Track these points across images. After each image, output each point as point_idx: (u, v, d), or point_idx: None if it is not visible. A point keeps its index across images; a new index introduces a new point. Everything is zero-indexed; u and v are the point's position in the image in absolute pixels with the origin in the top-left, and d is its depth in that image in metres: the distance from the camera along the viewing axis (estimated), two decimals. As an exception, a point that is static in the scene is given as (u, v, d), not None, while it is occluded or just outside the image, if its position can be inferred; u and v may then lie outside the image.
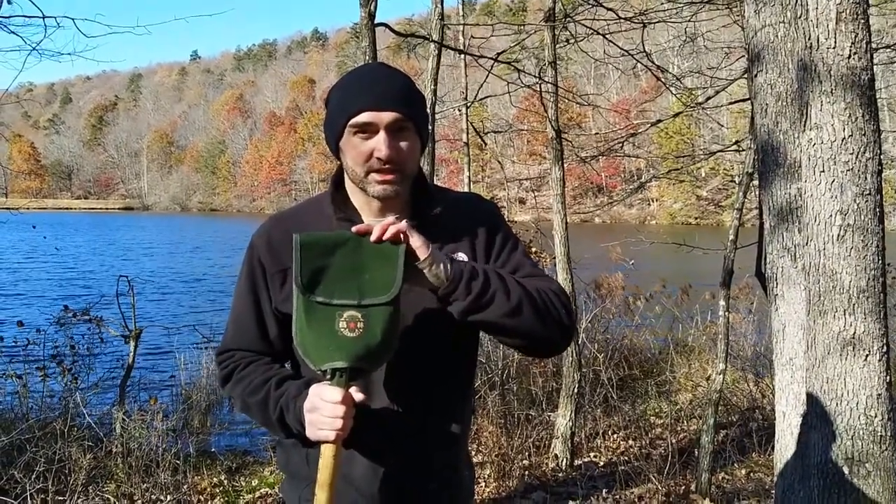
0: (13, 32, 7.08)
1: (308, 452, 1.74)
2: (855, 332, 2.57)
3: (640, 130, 8.05)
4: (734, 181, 56.59)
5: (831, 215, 2.60)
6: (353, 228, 1.62)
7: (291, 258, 1.63)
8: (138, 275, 9.30)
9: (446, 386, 1.82)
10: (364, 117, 1.68)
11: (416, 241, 1.61)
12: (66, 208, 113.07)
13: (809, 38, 2.61)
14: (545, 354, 1.84)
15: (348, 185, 1.83)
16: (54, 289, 19.37)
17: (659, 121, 7.91)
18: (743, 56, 7.31)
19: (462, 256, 1.77)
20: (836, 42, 2.56)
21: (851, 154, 2.56)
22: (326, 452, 1.60)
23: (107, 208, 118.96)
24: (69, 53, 7.76)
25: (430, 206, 1.84)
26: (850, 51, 2.54)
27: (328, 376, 1.61)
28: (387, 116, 1.69)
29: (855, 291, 2.57)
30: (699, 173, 59.85)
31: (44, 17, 6.67)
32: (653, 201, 68.12)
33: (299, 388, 1.70)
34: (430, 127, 1.88)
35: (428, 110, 1.85)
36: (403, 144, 1.72)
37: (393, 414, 1.75)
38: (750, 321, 9.30)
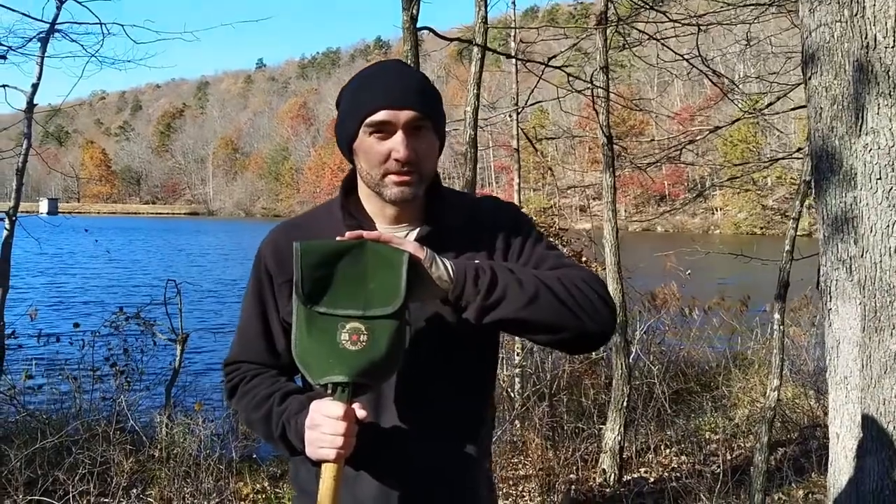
0: (73, 41, 7.27)
1: (317, 470, 1.63)
2: (913, 352, 2.40)
3: (697, 137, 7.83)
4: (799, 190, 55.29)
5: (888, 226, 2.43)
6: (337, 237, 1.52)
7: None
8: (193, 279, 9.41)
9: (461, 403, 1.70)
10: (380, 116, 1.58)
11: (409, 246, 1.51)
12: (135, 213, 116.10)
13: (866, 38, 2.45)
14: (585, 348, 1.68)
15: (362, 190, 1.73)
16: (115, 292, 19.79)
17: (717, 128, 7.68)
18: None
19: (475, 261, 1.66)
20: (894, 41, 2.39)
21: (910, 160, 2.39)
22: (326, 473, 1.50)
23: (173, 213, 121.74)
24: (127, 60, 7.89)
25: (445, 211, 1.72)
26: (910, 50, 2.38)
27: (329, 391, 1.51)
28: (404, 115, 1.58)
29: (914, 307, 2.40)
30: (765, 182, 58.61)
31: (101, 24, 6.82)
32: (717, 210, 66.89)
33: (302, 403, 1.60)
34: (446, 127, 1.76)
35: (444, 108, 1.74)
36: (422, 145, 1.61)
37: (404, 433, 1.65)
38: (812, 334, 8.97)
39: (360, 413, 1.51)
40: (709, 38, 5.97)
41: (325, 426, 1.49)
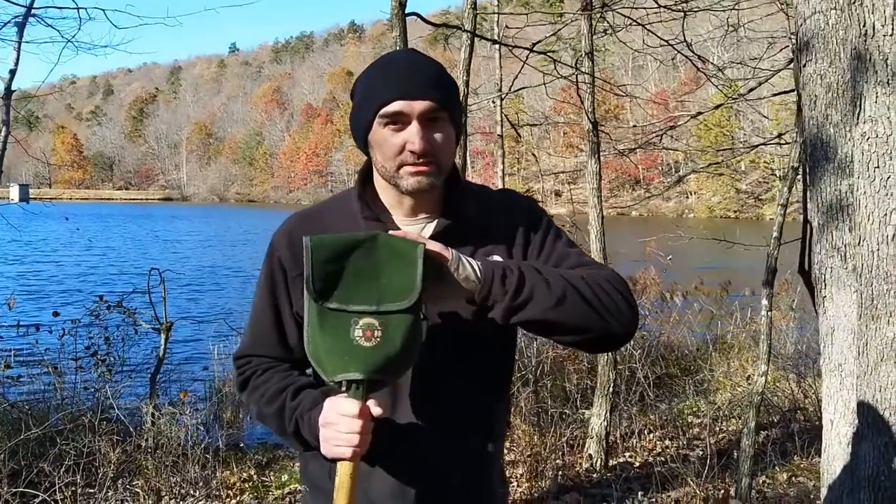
0: (49, 25, 7.12)
1: (331, 466, 1.59)
2: (910, 339, 2.41)
3: (679, 123, 7.83)
4: (774, 174, 55.77)
5: (886, 214, 2.43)
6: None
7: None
8: (173, 266, 9.32)
9: (477, 400, 1.68)
10: (395, 107, 1.55)
11: (433, 246, 1.48)
12: (108, 199, 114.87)
13: (864, 25, 2.45)
14: (608, 348, 1.69)
15: (377, 181, 1.70)
16: (93, 280, 19.58)
17: (699, 113, 7.71)
18: (786, 47, 7.10)
19: (497, 258, 1.63)
20: (893, 29, 2.39)
21: (908, 149, 2.40)
22: (342, 470, 1.48)
23: (147, 199, 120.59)
24: (105, 46, 7.74)
25: (464, 204, 1.69)
26: (909, 38, 2.38)
27: (343, 388, 1.49)
28: (419, 105, 1.55)
29: (911, 295, 2.41)
30: (738, 166, 59.02)
31: (82, 9, 6.68)
32: (691, 194, 67.31)
33: (315, 399, 1.58)
34: (463, 117, 1.73)
35: (461, 100, 1.72)
36: (438, 136, 1.58)
37: (418, 429, 1.63)
38: (791, 318, 9.06)
39: (376, 411, 1.49)
40: (689, 24, 5.96)
41: (340, 424, 1.47)
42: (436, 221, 1.68)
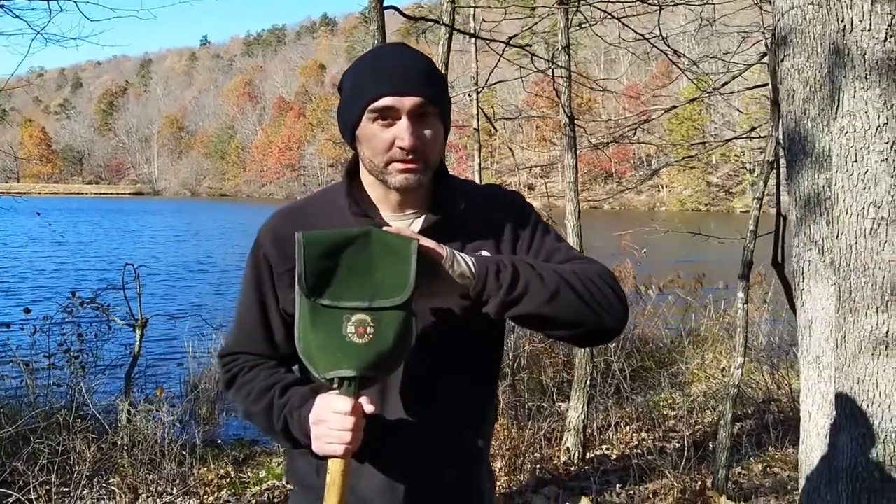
0: (17, 16, 7.02)
1: (318, 464, 1.60)
2: (888, 331, 2.44)
3: (653, 117, 7.88)
4: (745, 168, 56.31)
5: (864, 207, 2.46)
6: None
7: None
8: (147, 262, 9.23)
9: (467, 396, 1.68)
10: (384, 102, 1.53)
11: (427, 242, 1.47)
12: (78, 193, 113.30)
13: (842, 21, 2.47)
14: (599, 342, 1.69)
15: (364, 176, 1.68)
16: (64, 276, 19.33)
17: (674, 107, 7.77)
18: (759, 41, 7.16)
19: (485, 254, 1.62)
20: (871, 24, 2.41)
21: (886, 143, 2.42)
22: (334, 468, 1.48)
23: (118, 193, 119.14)
24: (75, 38, 7.64)
25: (452, 200, 1.68)
26: (887, 33, 2.40)
27: (335, 385, 1.48)
28: (409, 101, 1.53)
29: (889, 288, 2.43)
30: (710, 160, 59.51)
31: (48, 0, 6.58)
32: (662, 188, 67.77)
33: (304, 396, 1.58)
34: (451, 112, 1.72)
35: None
36: (427, 132, 1.56)
37: (409, 425, 1.63)
38: (765, 311, 9.15)
39: (368, 408, 1.48)
40: (658, 17, 6.00)
41: (332, 422, 1.46)
42: (423, 217, 1.67)
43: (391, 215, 1.67)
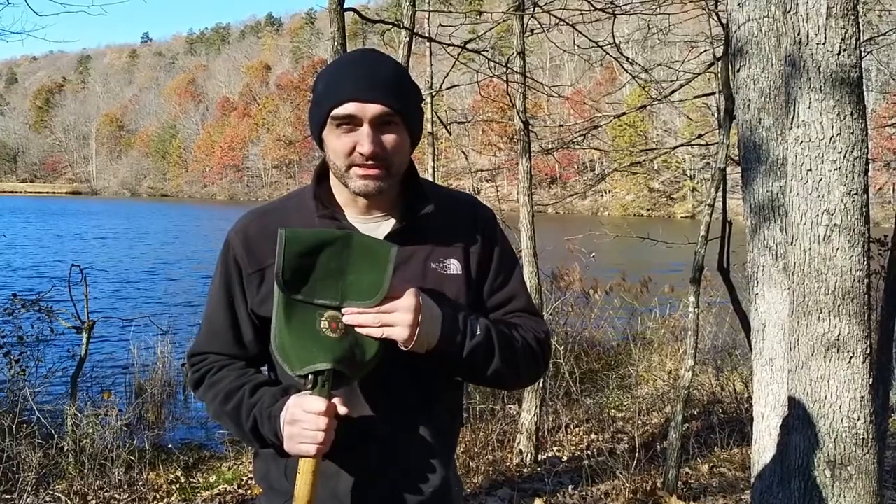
0: (-42, 9, 6.80)
1: (287, 464, 1.62)
2: (840, 334, 2.53)
3: (603, 123, 8.00)
4: (686, 174, 57.34)
5: (818, 215, 2.55)
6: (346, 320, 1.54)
7: (270, 256, 1.54)
8: (92, 264, 9.02)
9: (438, 399, 1.70)
10: (346, 109, 1.55)
11: (397, 333, 1.52)
12: (11, 192, 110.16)
13: (798, 34, 2.55)
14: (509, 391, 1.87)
15: (333, 179, 1.70)
16: (3, 277, 18.76)
17: (623, 113, 7.89)
18: (706, 50, 7.32)
19: (454, 265, 1.68)
20: (825, 38, 2.50)
21: (839, 153, 2.51)
22: (305, 467, 1.50)
23: (54, 192, 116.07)
24: (19, 32, 7.47)
25: (420, 203, 1.69)
26: (840, 47, 2.49)
27: (309, 385, 1.50)
28: (371, 109, 1.55)
29: (840, 293, 2.52)
30: (652, 165, 60.48)
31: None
32: (606, 193, 68.60)
33: (274, 396, 1.59)
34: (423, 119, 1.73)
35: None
36: (389, 139, 1.58)
37: (380, 427, 1.64)
38: (710, 314, 9.34)
39: (342, 409, 1.51)
40: (604, 25, 6.12)
41: (305, 422, 1.48)
42: (391, 221, 1.69)
43: (358, 218, 1.68)
